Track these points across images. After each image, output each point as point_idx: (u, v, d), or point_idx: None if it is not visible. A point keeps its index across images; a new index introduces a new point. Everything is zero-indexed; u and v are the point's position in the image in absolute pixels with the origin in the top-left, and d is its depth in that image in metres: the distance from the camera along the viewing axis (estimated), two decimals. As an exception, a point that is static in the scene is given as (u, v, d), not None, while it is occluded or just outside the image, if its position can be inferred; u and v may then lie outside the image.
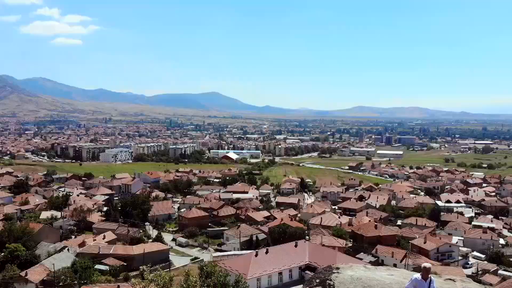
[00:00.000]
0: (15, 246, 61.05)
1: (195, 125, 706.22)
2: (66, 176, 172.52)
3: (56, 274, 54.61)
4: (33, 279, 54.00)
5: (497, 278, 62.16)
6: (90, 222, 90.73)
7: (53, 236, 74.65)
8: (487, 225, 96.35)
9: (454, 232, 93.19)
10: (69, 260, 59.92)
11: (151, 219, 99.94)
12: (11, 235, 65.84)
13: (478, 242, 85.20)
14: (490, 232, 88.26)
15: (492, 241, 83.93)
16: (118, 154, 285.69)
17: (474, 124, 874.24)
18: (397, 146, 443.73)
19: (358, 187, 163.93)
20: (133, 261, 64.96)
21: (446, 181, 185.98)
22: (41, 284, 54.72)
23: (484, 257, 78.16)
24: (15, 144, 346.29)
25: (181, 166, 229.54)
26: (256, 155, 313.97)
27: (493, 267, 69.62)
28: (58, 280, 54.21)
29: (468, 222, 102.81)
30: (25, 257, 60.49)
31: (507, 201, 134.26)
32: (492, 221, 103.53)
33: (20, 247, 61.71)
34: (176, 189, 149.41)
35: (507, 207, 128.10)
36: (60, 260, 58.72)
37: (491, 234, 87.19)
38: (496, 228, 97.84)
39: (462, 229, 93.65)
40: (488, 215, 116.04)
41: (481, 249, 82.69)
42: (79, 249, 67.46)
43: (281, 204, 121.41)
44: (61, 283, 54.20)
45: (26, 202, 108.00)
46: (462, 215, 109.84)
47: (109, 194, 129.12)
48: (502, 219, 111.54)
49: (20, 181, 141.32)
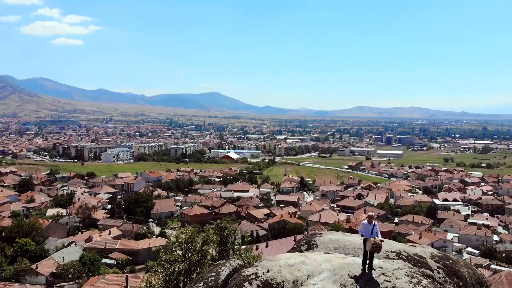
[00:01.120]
0: (24, 241, 63.46)
1: (196, 125, 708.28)
2: (69, 175, 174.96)
3: (66, 266, 57.13)
4: (43, 271, 56.43)
5: (489, 272, 64.38)
6: (95, 219, 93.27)
7: (61, 231, 77.10)
8: (482, 223, 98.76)
9: (450, 229, 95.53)
10: (77, 254, 62.44)
11: (154, 217, 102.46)
12: (20, 230, 68.23)
13: (473, 238, 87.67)
14: (484, 229, 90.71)
15: (486, 238, 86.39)
16: (119, 154, 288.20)
17: (474, 124, 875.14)
18: (397, 146, 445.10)
19: (357, 186, 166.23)
20: (138, 255, 67.47)
21: (445, 180, 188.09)
22: (51, 276, 57.20)
23: (478, 252, 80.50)
24: (16, 144, 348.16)
25: (182, 166, 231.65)
26: (256, 155, 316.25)
27: (485, 261, 71.98)
28: (68, 272, 56.76)
29: (464, 219, 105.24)
30: (34, 251, 62.97)
31: (503, 200, 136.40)
32: (488, 219, 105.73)
33: (30, 241, 64.11)
34: (177, 188, 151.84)
35: (503, 205, 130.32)
36: (68, 254, 61.18)
37: (486, 231, 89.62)
38: (491, 225, 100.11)
39: (458, 226, 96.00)
40: (485, 213, 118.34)
41: (475, 245, 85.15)
42: (86, 244, 69.94)
43: (281, 202, 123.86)
44: (70, 275, 56.76)
45: (31, 200, 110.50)
46: (458, 213, 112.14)
47: (112, 193, 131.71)
48: (498, 217, 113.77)
49: (25, 180, 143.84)
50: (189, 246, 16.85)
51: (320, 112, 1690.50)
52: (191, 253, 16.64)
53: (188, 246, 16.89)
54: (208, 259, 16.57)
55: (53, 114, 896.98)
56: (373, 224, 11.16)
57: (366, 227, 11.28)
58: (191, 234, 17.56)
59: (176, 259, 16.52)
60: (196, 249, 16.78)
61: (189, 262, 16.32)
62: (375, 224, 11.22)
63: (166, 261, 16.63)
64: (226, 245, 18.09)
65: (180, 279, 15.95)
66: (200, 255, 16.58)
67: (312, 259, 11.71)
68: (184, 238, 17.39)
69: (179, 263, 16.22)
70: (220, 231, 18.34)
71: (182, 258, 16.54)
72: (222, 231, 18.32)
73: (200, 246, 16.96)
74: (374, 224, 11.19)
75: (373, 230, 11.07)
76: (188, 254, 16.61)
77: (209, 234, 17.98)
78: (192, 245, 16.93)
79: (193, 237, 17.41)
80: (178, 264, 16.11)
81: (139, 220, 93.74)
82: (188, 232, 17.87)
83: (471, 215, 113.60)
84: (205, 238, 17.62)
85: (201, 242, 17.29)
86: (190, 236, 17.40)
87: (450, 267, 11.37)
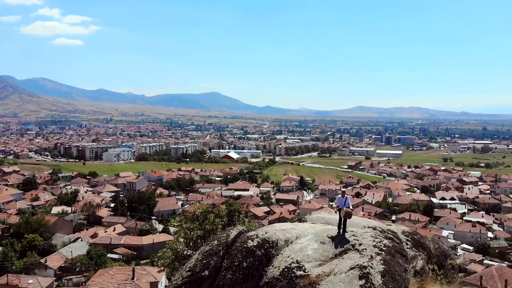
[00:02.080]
0: (33, 237, 65.77)
1: (196, 125, 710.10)
2: (72, 175, 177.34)
3: (73, 260, 59.50)
4: (52, 265, 58.75)
5: (482, 267, 66.69)
6: (99, 216, 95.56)
7: (67, 228, 79.38)
8: (478, 220, 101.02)
9: (446, 226, 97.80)
10: (84, 249, 64.75)
11: (156, 214, 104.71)
12: (28, 226, 70.54)
13: (467, 235, 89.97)
14: (479, 226, 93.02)
15: (481, 234, 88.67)
16: (120, 154, 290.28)
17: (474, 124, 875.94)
18: (397, 146, 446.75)
19: (356, 185, 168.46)
20: (142, 250, 69.78)
21: (443, 179, 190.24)
22: (59, 270, 59.57)
23: (472, 249, 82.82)
24: (18, 144, 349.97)
25: (183, 165, 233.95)
26: (256, 155, 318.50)
27: (479, 257, 74.34)
28: (75, 266, 59.11)
29: (460, 217, 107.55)
30: (42, 246, 65.28)
31: (500, 199, 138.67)
32: (483, 217, 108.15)
33: (38, 237, 66.41)
34: (179, 187, 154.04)
35: (500, 204, 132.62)
36: (75, 249, 63.47)
37: (480, 228, 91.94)
38: (486, 223, 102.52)
39: (453, 223, 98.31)
40: (481, 211, 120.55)
41: (470, 241, 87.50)
42: (92, 240, 72.27)
43: (281, 201, 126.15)
44: (78, 269, 59.11)
45: (36, 198, 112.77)
46: (455, 211, 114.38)
47: (115, 191, 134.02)
48: (494, 215, 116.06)
49: (28, 179, 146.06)
50: (205, 217, 20.81)
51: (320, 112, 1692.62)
52: (206, 223, 20.42)
53: (204, 218, 20.80)
54: (220, 228, 20.11)
55: (53, 114, 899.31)
56: (346, 197, 14.42)
57: (340, 199, 14.52)
58: (205, 208, 21.51)
59: (194, 227, 20.37)
60: (210, 220, 20.58)
61: (204, 230, 20.08)
62: (347, 197, 14.50)
63: (187, 228, 20.55)
64: (233, 217, 22.28)
65: (198, 242, 19.41)
66: (213, 226, 20.34)
67: (300, 226, 14.79)
68: (200, 212, 21.25)
69: (196, 230, 20.05)
70: (228, 206, 22.49)
71: (199, 227, 20.31)
72: (230, 206, 22.56)
73: (212, 219, 20.78)
74: (346, 197, 14.45)
75: (345, 202, 14.27)
76: (203, 224, 20.42)
77: (220, 209, 21.94)
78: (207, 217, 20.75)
79: (208, 211, 21.32)
80: (196, 231, 19.96)
81: (142, 218, 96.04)
82: (203, 207, 21.60)
83: (467, 213, 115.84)
84: (217, 212, 21.48)
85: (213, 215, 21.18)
86: (205, 209, 21.33)
87: (418, 240, 14.06)
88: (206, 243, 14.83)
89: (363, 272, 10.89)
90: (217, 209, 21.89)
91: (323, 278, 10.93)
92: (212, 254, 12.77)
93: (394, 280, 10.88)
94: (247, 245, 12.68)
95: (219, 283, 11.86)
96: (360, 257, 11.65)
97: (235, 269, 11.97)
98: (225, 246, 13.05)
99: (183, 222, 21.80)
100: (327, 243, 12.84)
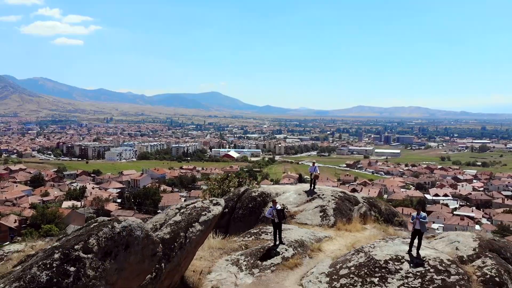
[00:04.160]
0: (49, 227, 70.84)
1: (196, 125, 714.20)
2: (76, 173, 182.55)
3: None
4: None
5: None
6: (107, 210, 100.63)
7: (79, 220, 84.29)
8: (467, 214, 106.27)
9: (436, 220, 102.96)
10: (97, 238, 69.53)
11: (161, 209, 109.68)
12: (44, 218, 75.66)
13: (457, 228, 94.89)
14: (468, 220, 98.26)
15: (469, 228, 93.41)
16: (122, 153, 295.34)
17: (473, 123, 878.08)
18: (396, 145, 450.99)
19: (353, 182, 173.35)
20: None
21: (438, 177, 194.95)
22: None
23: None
24: (20, 143, 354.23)
25: (184, 164, 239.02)
26: (256, 154, 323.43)
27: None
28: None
29: (451, 212, 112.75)
30: (58, 235, 70.03)
31: (492, 195, 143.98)
32: (473, 211, 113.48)
33: (54, 227, 71.47)
34: (181, 184, 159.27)
35: (491, 200, 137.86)
36: (89, 238, 68.25)
37: (468, 221, 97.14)
38: (475, 217, 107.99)
39: (443, 217, 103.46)
40: (472, 207, 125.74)
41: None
42: (103, 231, 76.97)
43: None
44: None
45: (46, 194, 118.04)
46: (447, 207, 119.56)
47: (120, 188, 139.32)
48: (484, 210, 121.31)
49: (36, 176, 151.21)
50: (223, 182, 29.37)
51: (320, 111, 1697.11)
52: (223, 187, 28.54)
53: (222, 182, 29.51)
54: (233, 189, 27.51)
55: (53, 113, 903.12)
56: (315, 166, 21.35)
57: (311, 168, 21.58)
58: (222, 177, 31.14)
59: (214, 188, 29.02)
60: (226, 184, 28.96)
61: (222, 190, 28.09)
62: (316, 166, 21.42)
63: (209, 189, 29.58)
64: (241, 184, 30.04)
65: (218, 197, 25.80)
66: (228, 187, 28.40)
67: (286, 186, 22.89)
68: (220, 178, 30.70)
69: (216, 189, 28.41)
70: (238, 176, 31.65)
71: (218, 188, 28.62)
72: (239, 176, 31.52)
73: (227, 185, 29.06)
74: (315, 166, 21.38)
75: (315, 169, 21.21)
76: (222, 186, 28.73)
77: (231, 179, 30.43)
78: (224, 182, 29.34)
79: (224, 178, 30.52)
80: (216, 190, 28.26)
81: (149, 211, 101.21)
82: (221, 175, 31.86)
83: (458, 208, 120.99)
84: (230, 180, 30.01)
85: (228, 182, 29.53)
86: (222, 178, 30.70)
87: (372, 202, 20.77)
88: (225, 196, 21.97)
89: (322, 208, 18.35)
90: (229, 179, 30.28)
91: (299, 212, 18.41)
92: (230, 200, 20.30)
93: (341, 213, 18.11)
94: (251, 195, 20.30)
95: (234, 216, 19.26)
96: (322, 201, 19.15)
97: (244, 208, 19.65)
98: (237, 196, 20.62)
99: (209, 184, 30.81)
100: (302, 194, 20.69)
